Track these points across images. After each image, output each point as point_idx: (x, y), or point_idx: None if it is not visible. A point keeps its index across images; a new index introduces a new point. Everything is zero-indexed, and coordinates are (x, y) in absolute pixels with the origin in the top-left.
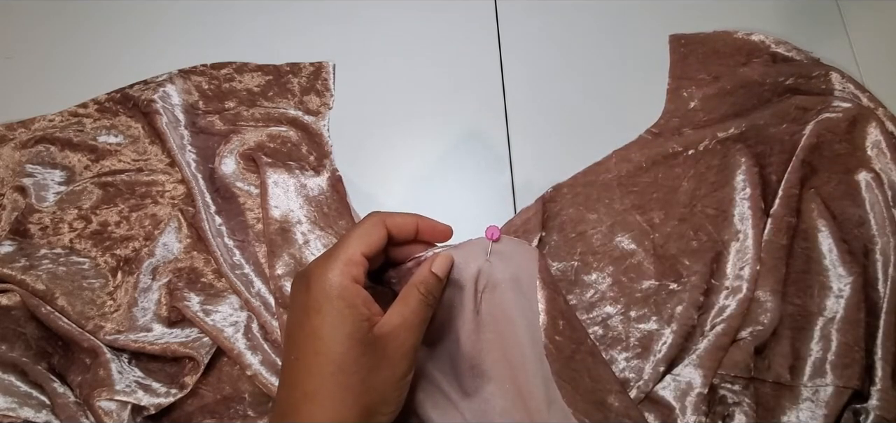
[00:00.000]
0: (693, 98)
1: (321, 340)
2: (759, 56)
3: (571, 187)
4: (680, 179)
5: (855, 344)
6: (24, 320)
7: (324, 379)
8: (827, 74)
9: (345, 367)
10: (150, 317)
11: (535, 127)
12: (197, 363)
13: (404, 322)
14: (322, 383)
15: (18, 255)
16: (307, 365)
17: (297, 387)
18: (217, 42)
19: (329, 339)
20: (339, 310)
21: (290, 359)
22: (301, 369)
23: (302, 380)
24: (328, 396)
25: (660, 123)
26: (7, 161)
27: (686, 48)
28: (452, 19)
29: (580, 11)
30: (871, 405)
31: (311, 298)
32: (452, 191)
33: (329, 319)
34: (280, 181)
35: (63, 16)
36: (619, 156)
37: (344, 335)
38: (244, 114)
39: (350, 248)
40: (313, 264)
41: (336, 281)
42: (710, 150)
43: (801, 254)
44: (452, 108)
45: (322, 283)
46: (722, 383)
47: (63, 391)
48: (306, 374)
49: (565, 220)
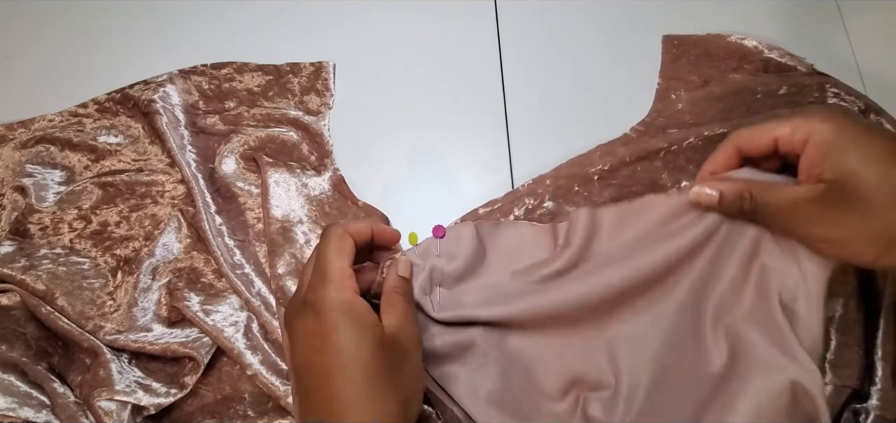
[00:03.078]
0: (681, 100)
1: (346, 353)
2: (751, 62)
3: (554, 179)
4: (660, 171)
5: (854, 344)
6: (24, 320)
7: (358, 388)
8: (821, 86)
9: (375, 371)
10: (150, 317)
11: (535, 127)
12: (197, 363)
13: (402, 319)
14: (358, 391)
15: (18, 255)
16: (339, 381)
17: (331, 408)
18: (217, 42)
19: (354, 350)
20: (354, 322)
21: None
22: (332, 388)
23: (336, 397)
24: (368, 400)
25: (646, 121)
26: (7, 161)
27: (678, 49)
28: (452, 19)
29: (580, 12)
30: (872, 405)
31: (323, 321)
32: (452, 190)
33: (348, 333)
34: (281, 181)
35: (63, 16)
36: (603, 150)
37: (366, 343)
38: (244, 114)
39: (335, 264)
40: (310, 294)
41: (343, 297)
42: (693, 145)
43: None
44: (452, 108)
45: (330, 304)
46: None
47: (63, 391)
48: (340, 390)
49: (543, 213)
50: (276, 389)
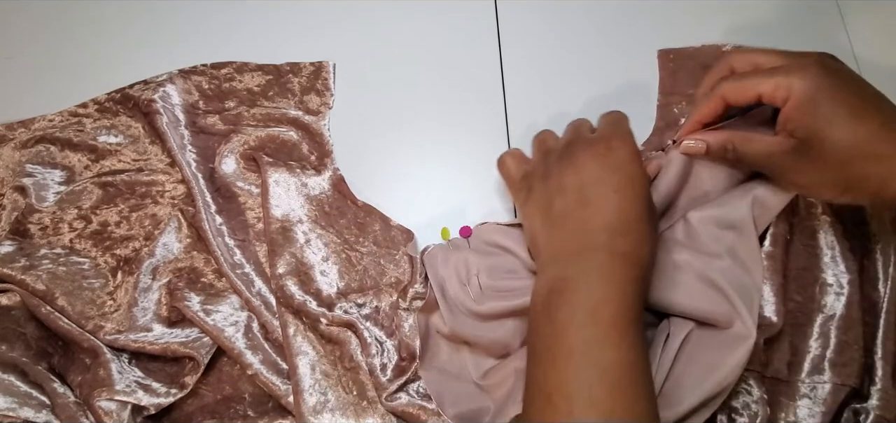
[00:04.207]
0: (684, 114)
1: (639, 182)
2: None
3: None
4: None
5: (854, 343)
6: (24, 320)
7: (642, 213)
8: None
9: (651, 207)
10: (150, 317)
11: (535, 126)
12: (197, 363)
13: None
14: (641, 215)
15: (18, 255)
16: (630, 199)
17: (622, 214)
18: (217, 42)
19: (643, 183)
20: (642, 166)
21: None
22: (622, 202)
23: (624, 210)
24: (646, 223)
25: (650, 140)
26: (7, 161)
27: (675, 63)
28: (452, 19)
29: (580, 11)
30: (872, 405)
31: (623, 153)
32: (453, 190)
33: (641, 170)
34: (281, 180)
35: (63, 16)
36: None
37: (646, 183)
38: (244, 114)
39: (628, 128)
40: (606, 132)
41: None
42: None
43: (801, 251)
44: (452, 108)
45: (628, 145)
46: None
47: (63, 391)
48: (629, 206)
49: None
50: (277, 388)
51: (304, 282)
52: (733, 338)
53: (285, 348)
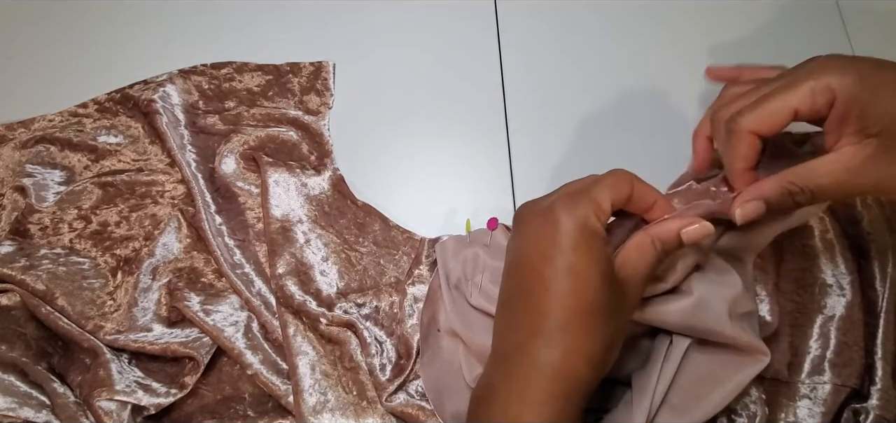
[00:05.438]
0: None
1: (577, 276)
2: None
3: None
4: None
5: (854, 343)
6: (24, 320)
7: (577, 314)
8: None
9: (598, 304)
10: (150, 317)
11: (535, 127)
12: (197, 363)
13: (639, 269)
14: (575, 317)
15: (18, 255)
16: (561, 298)
17: (548, 317)
18: (217, 42)
19: (585, 276)
20: (590, 248)
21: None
22: (547, 302)
23: (553, 311)
24: (581, 329)
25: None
26: (7, 161)
27: None
28: (452, 19)
29: (580, 11)
30: (872, 405)
31: (563, 234)
32: (452, 190)
33: (585, 257)
34: (281, 180)
35: (63, 16)
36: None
37: (599, 274)
38: (244, 114)
39: (600, 195)
40: (557, 202)
41: (591, 223)
42: None
43: (800, 251)
44: (452, 107)
45: (576, 221)
46: None
47: (63, 391)
48: (559, 307)
49: None
50: (277, 388)
51: (303, 282)
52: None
53: (285, 348)
